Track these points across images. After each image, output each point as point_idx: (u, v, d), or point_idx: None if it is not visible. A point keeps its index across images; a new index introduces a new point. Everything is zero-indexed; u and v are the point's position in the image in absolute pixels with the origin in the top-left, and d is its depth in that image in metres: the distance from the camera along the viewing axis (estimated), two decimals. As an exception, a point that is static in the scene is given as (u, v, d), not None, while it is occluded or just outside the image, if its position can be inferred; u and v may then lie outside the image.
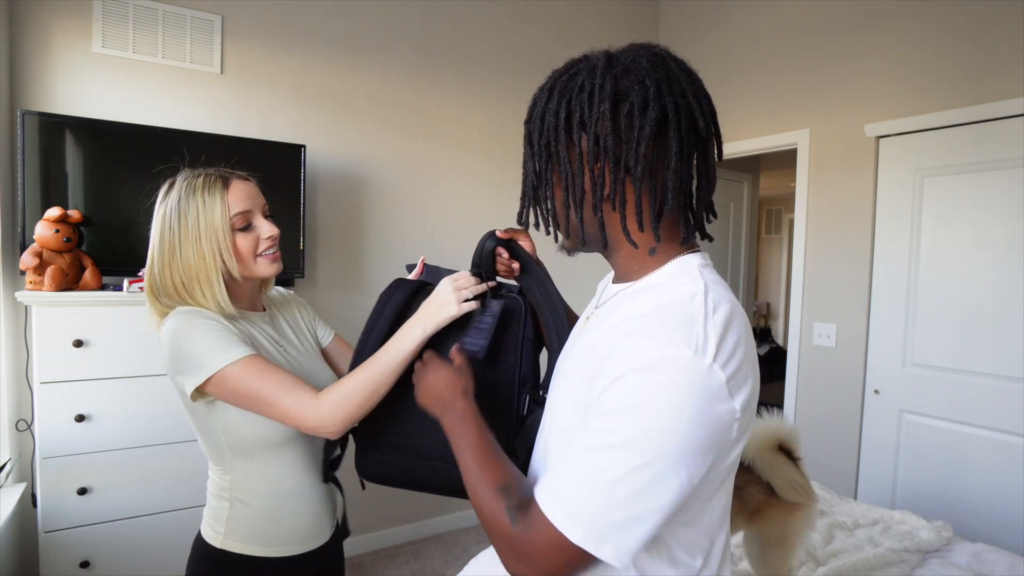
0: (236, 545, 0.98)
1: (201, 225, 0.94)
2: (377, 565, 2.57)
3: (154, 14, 2.16)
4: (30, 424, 1.96)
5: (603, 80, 0.61)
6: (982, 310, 2.21)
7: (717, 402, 0.55)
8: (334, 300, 2.58)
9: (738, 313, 0.62)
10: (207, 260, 0.94)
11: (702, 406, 0.55)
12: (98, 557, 1.80)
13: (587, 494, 0.56)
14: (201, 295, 0.95)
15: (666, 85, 0.61)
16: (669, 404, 0.54)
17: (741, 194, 4.07)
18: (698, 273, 0.64)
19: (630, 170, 0.62)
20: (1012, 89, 2.10)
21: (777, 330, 6.79)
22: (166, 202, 0.96)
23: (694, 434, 0.55)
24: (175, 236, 0.94)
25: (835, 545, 1.78)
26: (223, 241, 0.95)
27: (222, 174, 0.99)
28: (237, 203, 0.96)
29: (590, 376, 0.61)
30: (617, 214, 0.65)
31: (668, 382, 0.54)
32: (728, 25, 3.10)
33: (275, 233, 1.00)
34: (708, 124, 0.64)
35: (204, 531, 1.02)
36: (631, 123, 0.60)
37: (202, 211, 0.94)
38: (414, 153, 2.76)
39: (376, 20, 2.63)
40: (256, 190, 1.02)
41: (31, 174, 1.85)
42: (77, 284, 1.85)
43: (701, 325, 0.57)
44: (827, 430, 2.69)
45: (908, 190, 2.42)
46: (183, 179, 0.98)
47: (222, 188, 0.96)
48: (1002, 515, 2.15)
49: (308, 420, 0.89)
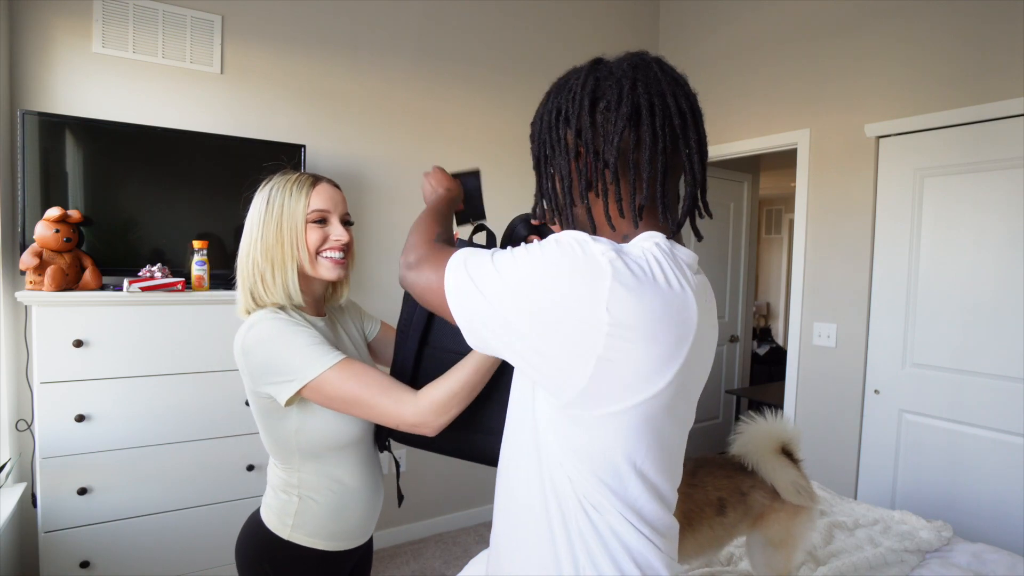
0: (303, 538, 1.03)
1: (284, 213, 1.01)
2: (377, 565, 2.57)
3: (154, 14, 2.16)
4: (30, 424, 1.96)
5: (585, 81, 0.69)
6: (982, 310, 2.21)
7: (591, 277, 0.59)
8: (334, 300, 2.58)
9: (665, 280, 0.62)
10: (284, 246, 1.00)
11: (573, 268, 0.59)
12: (98, 557, 1.80)
13: (468, 276, 0.66)
14: (271, 278, 1.00)
15: (642, 85, 0.66)
16: (543, 258, 0.61)
17: (741, 194, 4.07)
18: (652, 241, 0.66)
19: (607, 162, 0.67)
20: (1012, 89, 2.10)
21: (777, 330, 6.79)
22: (261, 197, 1.04)
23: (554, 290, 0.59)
24: (260, 221, 1.02)
25: (835, 545, 1.78)
26: (300, 231, 1.01)
27: (315, 176, 1.06)
28: (319, 200, 1.03)
29: None
30: (600, 202, 0.70)
31: (551, 248, 0.62)
32: (728, 25, 3.10)
33: (345, 238, 1.05)
34: (685, 120, 0.67)
35: (269, 520, 1.05)
36: (606, 118, 0.67)
37: (287, 201, 1.01)
38: (414, 153, 2.76)
39: (376, 20, 2.63)
40: (341, 196, 1.08)
41: (31, 174, 1.85)
42: (77, 284, 1.85)
43: (613, 247, 0.61)
44: (827, 430, 2.69)
45: (908, 190, 2.42)
46: (279, 176, 1.06)
47: (309, 186, 1.03)
48: (1002, 515, 2.15)
49: (408, 418, 0.92)
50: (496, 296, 0.63)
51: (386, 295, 2.70)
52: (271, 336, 0.94)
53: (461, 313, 0.66)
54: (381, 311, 2.72)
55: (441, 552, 2.70)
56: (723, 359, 4.05)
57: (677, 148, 0.67)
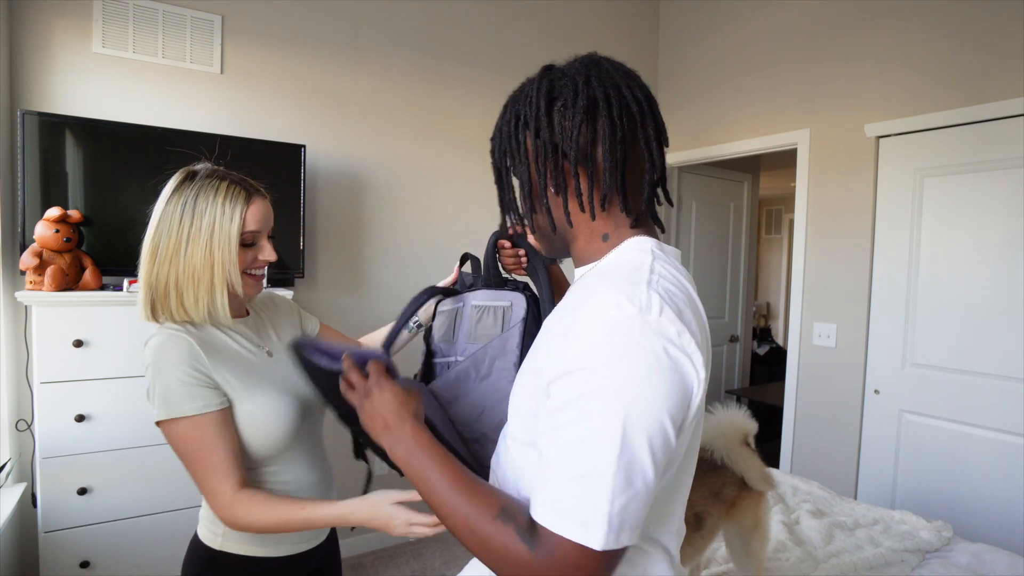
0: (235, 546, 0.99)
1: (216, 232, 0.93)
2: (377, 565, 2.57)
3: (154, 14, 2.16)
4: (30, 424, 1.96)
5: (540, 84, 0.69)
6: (982, 310, 2.21)
7: (671, 348, 0.55)
8: (334, 300, 2.57)
9: (685, 291, 0.63)
10: (215, 268, 0.93)
11: (659, 358, 0.54)
12: (98, 557, 1.80)
13: (588, 495, 0.53)
14: (193, 301, 0.93)
15: (596, 79, 0.67)
16: (624, 369, 0.54)
17: (741, 194, 4.06)
18: (649, 251, 0.67)
19: (567, 156, 0.66)
20: (1012, 89, 2.10)
21: (777, 330, 6.79)
22: (179, 197, 0.94)
23: (659, 390, 0.54)
24: (184, 235, 0.92)
25: (835, 545, 1.78)
26: (233, 253, 0.94)
27: (246, 187, 0.98)
28: (253, 222, 0.97)
29: (541, 353, 0.64)
30: (560, 200, 0.70)
31: (617, 345, 0.54)
32: (728, 25, 3.10)
33: (274, 258, 1.01)
34: (642, 107, 0.67)
35: (201, 532, 1.02)
36: (563, 115, 0.67)
37: (220, 220, 0.93)
38: (414, 153, 2.76)
39: (376, 20, 2.63)
40: (271, 211, 1.02)
41: (31, 174, 1.85)
42: (77, 284, 1.85)
43: (644, 288, 0.58)
44: (827, 430, 2.69)
45: (908, 190, 2.42)
46: (204, 179, 0.95)
47: (244, 203, 0.95)
48: (1002, 515, 2.15)
49: (216, 510, 0.92)
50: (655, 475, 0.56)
51: (386, 296, 2.70)
52: (163, 356, 0.91)
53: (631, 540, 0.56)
54: (380, 312, 2.73)
55: (441, 552, 2.70)
56: (723, 359, 4.04)
57: (636, 137, 0.67)
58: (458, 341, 1.04)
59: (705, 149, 3.21)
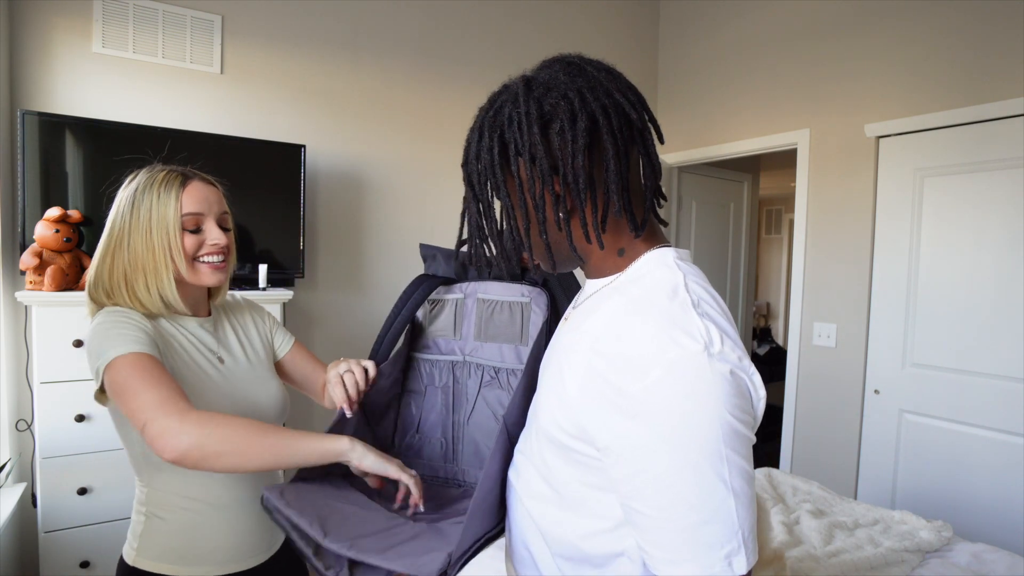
0: (148, 563, 0.93)
1: (153, 219, 0.92)
2: (377, 565, 2.56)
3: (154, 14, 2.16)
4: (30, 424, 1.96)
5: (527, 106, 0.62)
6: (982, 310, 2.21)
7: (737, 371, 0.55)
8: (334, 300, 2.57)
9: (718, 299, 0.63)
10: (156, 254, 0.92)
11: (727, 380, 0.54)
12: (98, 557, 1.80)
13: (698, 548, 0.54)
14: (144, 289, 0.92)
15: (589, 92, 0.62)
16: (698, 416, 0.53)
17: (741, 194, 4.06)
18: (674, 264, 0.65)
19: (570, 184, 0.62)
20: (1012, 89, 2.10)
21: (777, 330, 6.79)
22: (124, 193, 0.95)
23: (732, 400, 0.54)
24: (126, 226, 0.93)
25: (835, 545, 1.78)
26: (173, 238, 0.92)
27: (184, 172, 0.97)
28: (190, 204, 0.94)
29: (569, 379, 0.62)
30: (569, 229, 0.66)
31: (687, 383, 0.54)
32: (728, 25, 3.10)
33: (222, 242, 0.97)
34: (641, 114, 0.64)
35: (124, 547, 0.98)
36: (563, 139, 0.61)
37: (155, 205, 0.92)
38: (414, 153, 2.76)
39: (376, 20, 2.63)
40: (217, 195, 0.99)
41: (31, 174, 1.85)
42: (77, 284, 1.85)
43: (695, 317, 0.57)
44: (827, 430, 2.69)
45: (908, 190, 2.42)
46: (145, 172, 0.96)
47: (179, 186, 0.94)
48: (1002, 515, 2.15)
49: (162, 428, 0.77)
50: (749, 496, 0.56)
51: (385, 296, 2.70)
52: (100, 326, 0.88)
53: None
54: (380, 312, 2.72)
55: (441, 552, 2.69)
56: (723, 359, 4.03)
57: (634, 141, 0.65)
58: (465, 338, 0.99)
59: (705, 149, 3.21)
